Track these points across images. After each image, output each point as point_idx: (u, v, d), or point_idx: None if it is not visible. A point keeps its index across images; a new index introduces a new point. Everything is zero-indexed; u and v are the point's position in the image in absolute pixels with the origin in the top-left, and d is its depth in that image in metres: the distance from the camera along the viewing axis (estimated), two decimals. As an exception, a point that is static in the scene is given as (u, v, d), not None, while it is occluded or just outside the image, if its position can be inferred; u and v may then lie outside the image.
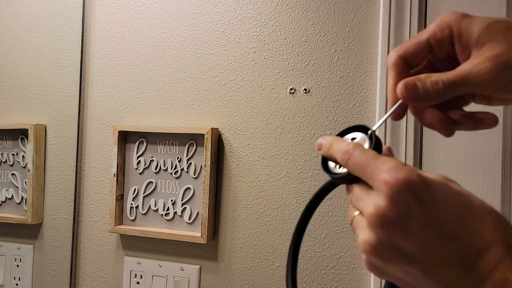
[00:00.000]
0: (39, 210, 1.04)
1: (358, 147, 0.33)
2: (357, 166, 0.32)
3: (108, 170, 1.02)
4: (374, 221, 0.30)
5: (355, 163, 0.33)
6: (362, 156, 0.32)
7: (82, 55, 1.05)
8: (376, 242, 0.30)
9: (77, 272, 1.05)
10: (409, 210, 0.29)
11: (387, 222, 0.29)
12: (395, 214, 0.29)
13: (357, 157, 0.33)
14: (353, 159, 0.33)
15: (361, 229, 0.32)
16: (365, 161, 0.32)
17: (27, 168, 1.02)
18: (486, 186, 0.79)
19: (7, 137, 1.06)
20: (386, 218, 0.29)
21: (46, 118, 1.05)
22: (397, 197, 0.29)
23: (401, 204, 0.29)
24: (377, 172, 0.31)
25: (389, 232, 0.30)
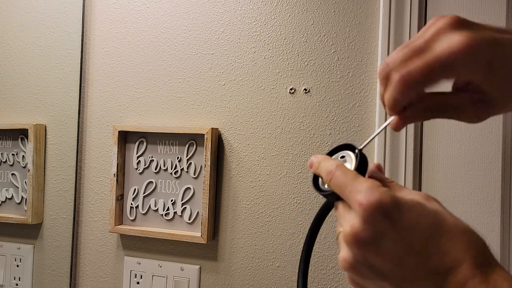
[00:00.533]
0: (39, 210, 1.04)
1: (339, 168, 0.35)
2: (337, 186, 0.34)
3: (108, 170, 1.02)
4: (350, 240, 0.31)
5: (336, 184, 0.34)
6: (342, 177, 0.34)
7: (82, 55, 1.05)
8: (352, 260, 0.32)
9: (77, 272, 1.05)
10: (380, 230, 0.31)
11: (361, 241, 0.31)
12: (368, 234, 0.31)
13: (338, 177, 0.34)
14: (334, 180, 0.34)
15: (342, 246, 0.34)
16: (344, 182, 0.33)
17: (27, 168, 1.02)
18: (486, 186, 0.79)
19: (7, 137, 1.06)
20: (359, 238, 0.31)
21: (46, 118, 1.05)
22: (369, 217, 0.31)
23: (373, 225, 0.31)
24: (354, 193, 0.32)
25: (363, 250, 0.31)
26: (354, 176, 0.33)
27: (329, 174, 0.35)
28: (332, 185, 0.35)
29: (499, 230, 0.78)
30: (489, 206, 0.79)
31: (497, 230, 0.78)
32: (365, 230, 0.31)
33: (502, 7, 0.79)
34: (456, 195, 0.80)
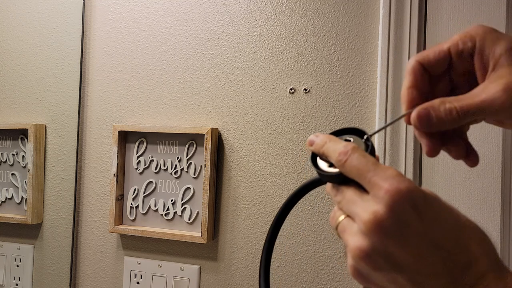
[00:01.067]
0: (39, 210, 1.04)
1: (357, 150, 0.33)
2: (355, 170, 0.32)
3: (108, 170, 1.02)
4: (371, 228, 0.30)
5: (353, 166, 0.32)
6: (362, 160, 0.32)
7: (82, 55, 1.05)
8: (370, 249, 0.30)
9: (77, 272, 1.05)
10: (407, 220, 0.29)
11: (384, 229, 0.30)
12: (393, 223, 0.29)
13: (356, 160, 0.32)
14: (351, 162, 0.32)
15: (352, 234, 0.32)
16: (365, 166, 0.32)
17: (27, 168, 1.02)
18: (486, 186, 0.79)
19: (7, 137, 1.06)
20: (383, 226, 0.30)
21: (46, 118, 1.05)
22: (396, 206, 0.29)
23: (400, 214, 0.29)
24: (377, 179, 0.31)
25: (385, 239, 0.30)
26: (375, 161, 0.32)
27: (343, 154, 0.33)
28: (347, 167, 0.33)
29: (499, 230, 0.78)
30: (489, 206, 0.79)
31: (497, 230, 0.78)
32: (390, 218, 0.29)
33: (502, 7, 0.79)
34: (456, 195, 0.80)
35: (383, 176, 0.30)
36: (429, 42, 0.83)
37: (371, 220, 0.30)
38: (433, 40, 0.83)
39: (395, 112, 0.83)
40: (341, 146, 0.34)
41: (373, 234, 0.30)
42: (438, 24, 0.83)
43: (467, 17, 0.81)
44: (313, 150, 0.37)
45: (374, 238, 0.30)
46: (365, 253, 0.31)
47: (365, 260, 0.31)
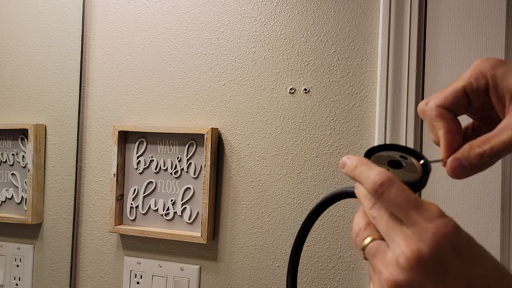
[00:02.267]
0: (39, 210, 1.04)
1: (395, 182, 0.32)
2: (393, 204, 0.32)
3: (108, 170, 1.02)
4: (412, 264, 0.30)
5: (391, 201, 0.32)
6: (401, 196, 0.31)
7: (82, 55, 1.05)
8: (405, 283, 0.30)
9: (77, 272, 1.05)
10: (448, 262, 0.30)
11: (425, 268, 0.30)
12: (435, 263, 0.30)
13: (394, 196, 0.31)
14: (389, 197, 0.31)
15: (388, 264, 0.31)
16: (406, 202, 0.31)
17: (27, 168, 1.02)
18: (486, 186, 0.79)
19: (7, 137, 1.06)
20: (425, 265, 0.30)
21: (46, 118, 1.05)
22: (441, 248, 0.30)
23: (443, 255, 0.30)
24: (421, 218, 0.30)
25: (424, 278, 0.30)
26: (416, 198, 0.31)
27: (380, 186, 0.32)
28: (384, 201, 0.32)
29: (499, 230, 0.78)
30: (489, 206, 0.79)
31: (497, 230, 0.78)
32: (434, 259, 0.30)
33: (502, 7, 0.79)
34: (456, 195, 0.80)
35: (428, 216, 0.30)
36: (429, 42, 0.83)
37: (414, 257, 0.30)
38: (433, 40, 0.83)
39: (395, 112, 0.83)
40: (374, 174, 0.32)
41: (412, 271, 0.30)
42: (438, 24, 0.83)
43: (467, 17, 0.81)
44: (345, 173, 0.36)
45: (413, 275, 0.30)
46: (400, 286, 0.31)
47: None
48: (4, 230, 1.07)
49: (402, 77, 0.83)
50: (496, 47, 0.79)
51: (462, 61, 0.81)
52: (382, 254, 0.32)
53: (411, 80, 0.82)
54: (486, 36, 0.80)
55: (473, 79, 0.35)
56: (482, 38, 0.80)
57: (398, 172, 0.34)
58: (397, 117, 0.82)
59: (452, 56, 0.82)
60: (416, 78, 0.82)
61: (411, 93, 0.82)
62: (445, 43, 0.82)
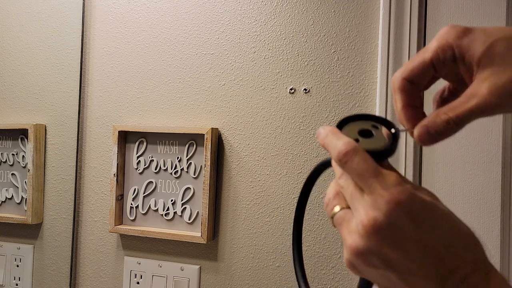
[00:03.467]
0: (39, 210, 1.04)
1: (358, 153, 0.33)
2: (355, 173, 0.33)
3: (108, 170, 1.02)
4: (369, 232, 0.31)
5: (353, 170, 0.33)
6: (362, 166, 0.33)
7: (82, 55, 1.05)
8: (365, 250, 0.32)
9: (77, 272, 1.05)
10: (403, 229, 0.31)
11: (381, 235, 0.31)
12: (390, 230, 0.31)
13: (356, 165, 0.33)
14: (352, 165, 0.33)
15: (350, 231, 0.33)
16: (365, 172, 0.32)
17: (27, 168, 1.02)
18: (486, 186, 0.79)
19: (7, 137, 1.06)
20: (381, 232, 0.31)
21: (46, 118, 1.05)
22: (395, 215, 0.31)
23: (398, 223, 0.31)
24: (378, 186, 0.32)
25: (381, 244, 0.31)
26: (376, 167, 0.32)
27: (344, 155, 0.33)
28: (347, 169, 0.33)
29: (499, 230, 0.78)
30: (489, 206, 0.79)
31: (497, 230, 0.78)
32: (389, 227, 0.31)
33: (502, 7, 0.79)
34: (456, 195, 0.80)
35: (384, 184, 0.31)
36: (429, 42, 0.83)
37: (370, 225, 0.31)
38: (433, 40, 0.83)
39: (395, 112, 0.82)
40: (341, 143, 0.34)
41: (370, 238, 0.31)
42: (438, 24, 0.83)
43: (467, 17, 0.81)
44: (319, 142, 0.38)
45: (370, 240, 0.31)
46: (361, 252, 0.32)
47: (360, 258, 0.32)
48: (4, 230, 1.07)
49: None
50: (496, 47, 0.79)
51: (462, 61, 0.81)
52: (347, 222, 0.33)
53: (411, 80, 0.82)
54: (486, 36, 0.79)
55: (440, 51, 0.35)
56: (482, 38, 0.80)
57: (367, 141, 0.35)
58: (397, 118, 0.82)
59: (452, 56, 0.82)
60: (416, 78, 0.82)
61: (411, 93, 0.82)
62: (445, 43, 0.82)
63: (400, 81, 0.38)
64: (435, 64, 0.36)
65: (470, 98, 0.34)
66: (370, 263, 0.33)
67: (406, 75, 0.37)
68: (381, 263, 0.32)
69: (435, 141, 0.36)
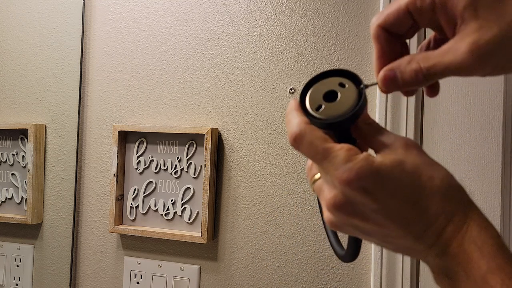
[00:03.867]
0: (39, 210, 1.04)
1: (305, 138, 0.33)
2: (308, 157, 0.34)
3: (108, 170, 1.02)
4: (332, 208, 0.33)
5: (305, 154, 0.34)
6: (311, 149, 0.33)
7: (82, 55, 1.05)
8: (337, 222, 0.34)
9: (77, 272, 1.05)
10: (361, 202, 0.32)
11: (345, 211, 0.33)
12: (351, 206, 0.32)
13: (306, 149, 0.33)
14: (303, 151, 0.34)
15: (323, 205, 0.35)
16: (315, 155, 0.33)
17: (27, 168, 1.02)
18: (486, 186, 0.79)
19: (7, 137, 1.06)
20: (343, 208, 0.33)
21: (46, 118, 1.05)
22: (349, 193, 0.32)
23: (354, 198, 0.32)
24: (329, 167, 0.32)
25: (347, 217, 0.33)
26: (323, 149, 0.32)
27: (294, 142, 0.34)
28: (302, 153, 0.34)
29: (499, 230, 0.78)
30: (489, 206, 0.79)
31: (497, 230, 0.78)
32: (348, 203, 0.32)
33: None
34: (456, 195, 0.80)
35: (334, 165, 0.32)
36: (429, 42, 0.83)
37: (331, 203, 0.33)
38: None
39: (395, 112, 0.83)
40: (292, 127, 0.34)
41: (337, 214, 0.33)
42: (438, 24, 0.82)
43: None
44: None
45: (338, 216, 0.33)
46: (335, 224, 0.34)
47: (336, 227, 0.35)
48: (4, 230, 1.07)
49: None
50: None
51: (462, 61, 0.81)
52: (322, 193, 0.35)
53: (411, 80, 0.82)
54: (486, 36, 0.79)
55: None
56: (482, 38, 0.80)
57: (331, 105, 0.34)
58: (397, 117, 0.82)
59: (452, 56, 0.81)
60: (416, 78, 0.82)
61: (411, 93, 0.82)
62: (445, 43, 0.82)
63: (375, 29, 0.35)
64: (412, 12, 0.33)
65: (447, 53, 0.31)
66: (348, 231, 0.35)
67: (381, 22, 0.35)
68: (357, 230, 0.34)
69: (398, 89, 0.33)
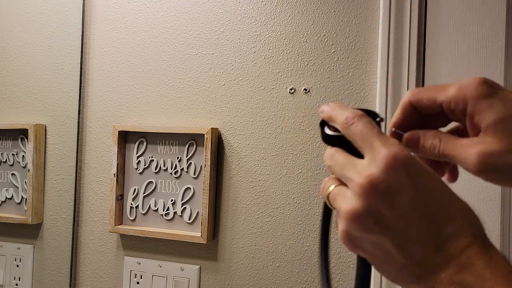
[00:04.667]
0: (39, 210, 1.04)
1: (365, 117, 0.35)
2: (359, 133, 0.34)
3: (108, 170, 1.02)
4: (365, 189, 0.31)
5: (358, 130, 0.34)
6: (368, 126, 0.34)
7: (82, 55, 1.05)
8: (362, 210, 0.32)
9: (77, 272, 1.05)
10: (400, 184, 0.31)
11: (378, 191, 0.31)
12: (387, 185, 0.31)
13: (362, 125, 0.34)
14: (357, 126, 0.34)
15: (346, 198, 0.33)
16: (370, 131, 0.33)
17: (27, 168, 1.02)
18: (486, 186, 0.79)
19: (7, 137, 1.06)
20: (377, 188, 0.31)
21: (46, 118, 1.05)
22: (392, 170, 0.31)
23: (395, 178, 0.31)
24: (379, 144, 0.32)
25: (378, 201, 0.31)
26: (380, 130, 0.34)
27: (351, 118, 0.35)
28: (351, 130, 0.34)
29: (499, 230, 0.78)
30: (489, 206, 0.79)
31: (497, 230, 0.78)
32: (386, 182, 0.31)
33: (502, 7, 0.79)
34: (456, 195, 0.80)
35: (385, 143, 0.32)
36: (429, 42, 0.83)
37: (366, 182, 0.31)
38: (433, 40, 0.83)
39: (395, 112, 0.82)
40: (350, 111, 0.36)
41: (367, 195, 0.31)
42: (438, 24, 0.83)
43: (467, 17, 0.81)
44: (323, 116, 0.39)
45: (367, 199, 0.32)
46: (357, 213, 0.32)
47: (356, 221, 0.32)
48: (4, 230, 1.07)
49: (402, 77, 0.83)
50: (496, 47, 0.79)
51: (462, 61, 0.81)
52: (342, 195, 0.34)
53: (411, 80, 0.82)
54: (486, 36, 0.80)
55: (453, 102, 0.36)
56: (482, 38, 0.80)
57: None
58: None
59: (452, 56, 0.82)
60: (416, 78, 0.82)
61: (411, 93, 0.82)
62: (445, 43, 0.82)
63: (406, 102, 0.39)
64: (445, 108, 0.37)
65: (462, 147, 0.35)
66: (366, 227, 0.32)
67: (414, 100, 0.38)
68: (376, 225, 0.32)
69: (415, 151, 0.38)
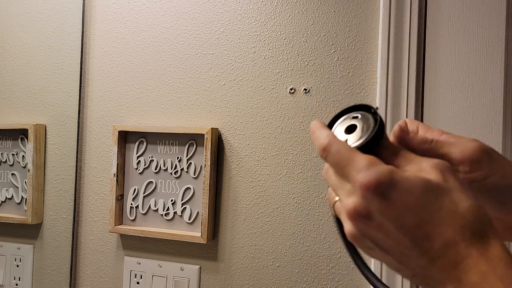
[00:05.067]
0: (39, 210, 1.04)
1: (336, 143, 0.35)
2: (336, 164, 0.35)
3: (108, 170, 1.02)
4: (352, 216, 0.33)
5: (333, 162, 0.35)
6: (337, 155, 0.35)
7: (82, 55, 1.05)
8: (357, 233, 0.34)
9: (77, 272, 1.05)
10: (379, 207, 0.32)
11: (361, 217, 0.33)
12: (367, 211, 0.33)
13: (333, 156, 0.35)
14: (331, 158, 0.35)
15: (343, 219, 0.35)
16: (343, 161, 0.34)
17: (27, 168, 1.02)
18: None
19: (7, 137, 1.06)
20: (360, 214, 0.33)
21: (46, 118, 1.05)
22: (369, 195, 0.32)
23: (372, 202, 0.32)
24: (352, 171, 0.33)
25: (366, 225, 0.33)
26: (350, 154, 0.34)
27: (322, 151, 0.36)
28: (329, 161, 0.35)
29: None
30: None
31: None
32: (366, 207, 0.32)
33: (502, 7, 0.79)
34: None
35: (356, 168, 0.33)
36: (429, 42, 0.83)
37: (351, 209, 0.33)
38: (433, 40, 0.83)
39: (395, 112, 0.83)
40: (323, 138, 0.36)
41: (355, 221, 0.33)
42: (438, 24, 0.83)
43: (467, 17, 0.81)
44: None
45: (357, 225, 0.34)
46: (356, 237, 0.34)
47: (358, 242, 0.35)
48: (4, 230, 1.07)
49: (402, 77, 0.83)
50: (496, 47, 0.79)
51: (462, 61, 0.81)
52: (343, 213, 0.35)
53: (411, 80, 0.82)
54: (486, 36, 0.80)
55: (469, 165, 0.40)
56: (482, 38, 0.80)
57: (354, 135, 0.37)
58: (397, 117, 0.82)
59: (452, 56, 0.82)
60: (416, 78, 0.82)
61: (411, 93, 0.82)
62: (445, 43, 0.82)
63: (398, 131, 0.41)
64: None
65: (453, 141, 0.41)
66: (367, 246, 0.35)
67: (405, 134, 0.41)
68: (375, 245, 0.34)
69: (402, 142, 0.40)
